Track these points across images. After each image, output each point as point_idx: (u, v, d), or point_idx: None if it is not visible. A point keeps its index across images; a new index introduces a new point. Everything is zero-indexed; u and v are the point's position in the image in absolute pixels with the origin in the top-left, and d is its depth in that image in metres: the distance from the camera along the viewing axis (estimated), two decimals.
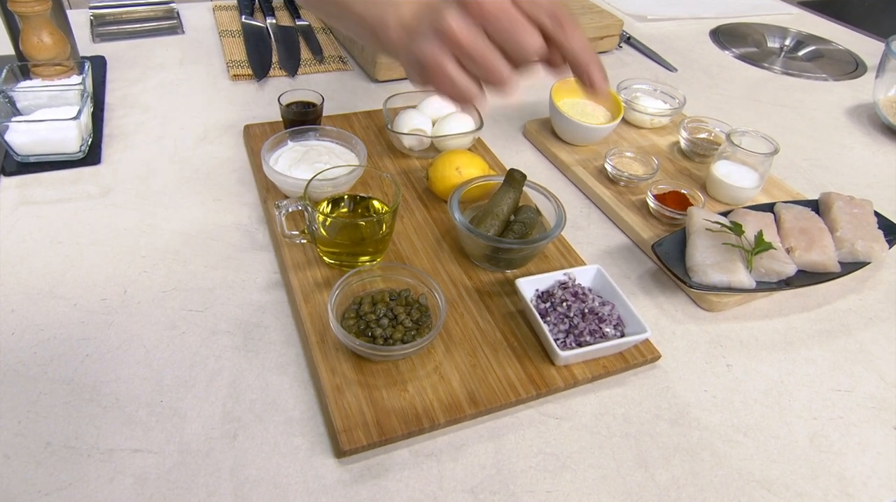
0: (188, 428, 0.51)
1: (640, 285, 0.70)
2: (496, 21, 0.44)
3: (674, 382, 0.60)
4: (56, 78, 0.79)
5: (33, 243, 0.65)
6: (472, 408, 0.53)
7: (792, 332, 0.67)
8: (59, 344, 0.56)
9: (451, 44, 0.45)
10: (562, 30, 0.46)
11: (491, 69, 0.45)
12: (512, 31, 0.44)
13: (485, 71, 0.45)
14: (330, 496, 0.48)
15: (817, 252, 0.70)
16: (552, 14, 0.45)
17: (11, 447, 0.48)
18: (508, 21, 0.44)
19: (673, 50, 1.26)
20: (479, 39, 0.44)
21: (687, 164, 0.88)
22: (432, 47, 0.45)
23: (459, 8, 0.44)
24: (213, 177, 0.77)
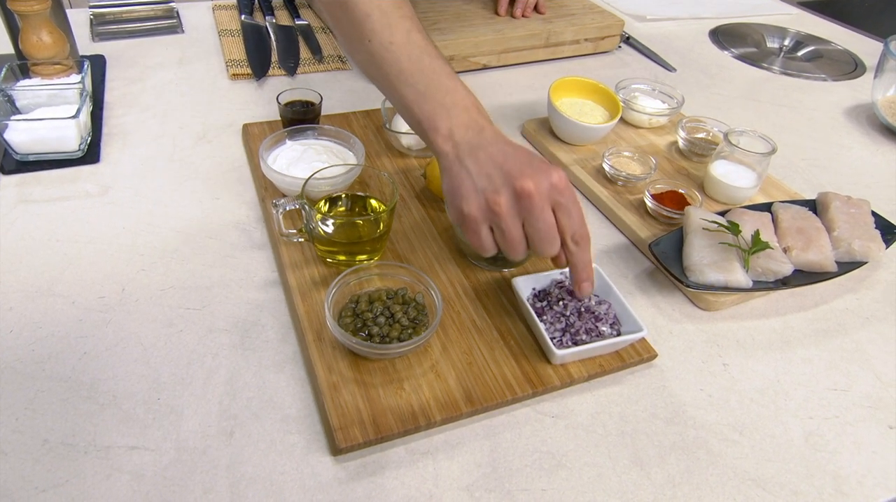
0: (185, 425, 0.51)
1: (638, 284, 0.70)
2: (536, 223, 0.53)
3: (670, 381, 0.60)
4: (55, 77, 0.79)
5: (32, 241, 0.65)
6: (468, 407, 0.53)
7: (788, 332, 0.67)
8: (56, 341, 0.56)
9: (494, 218, 0.53)
10: (578, 249, 0.55)
11: (513, 250, 0.55)
12: (542, 238, 0.53)
13: (508, 249, 0.55)
14: (326, 493, 0.48)
15: (814, 251, 0.70)
16: (576, 235, 0.55)
17: (9, 443, 0.48)
18: (545, 229, 0.53)
19: (672, 50, 1.26)
20: (516, 227, 0.54)
21: (685, 164, 0.88)
22: (479, 211, 0.54)
23: (515, 196, 0.52)
24: (212, 175, 0.77)
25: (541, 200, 0.52)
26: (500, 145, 0.55)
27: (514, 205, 0.52)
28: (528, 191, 0.51)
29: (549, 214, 0.53)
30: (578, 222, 0.54)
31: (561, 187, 0.53)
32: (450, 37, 1.03)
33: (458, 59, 1.05)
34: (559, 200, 0.53)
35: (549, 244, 0.54)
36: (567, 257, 0.56)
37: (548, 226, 0.53)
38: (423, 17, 1.09)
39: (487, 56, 1.08)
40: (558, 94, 0.90)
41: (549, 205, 0.53)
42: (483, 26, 1.08)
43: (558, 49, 1.15)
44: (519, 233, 0.54)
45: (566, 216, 0.54)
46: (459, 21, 1.09)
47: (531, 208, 0.52)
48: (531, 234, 0.54)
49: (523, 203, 0.52)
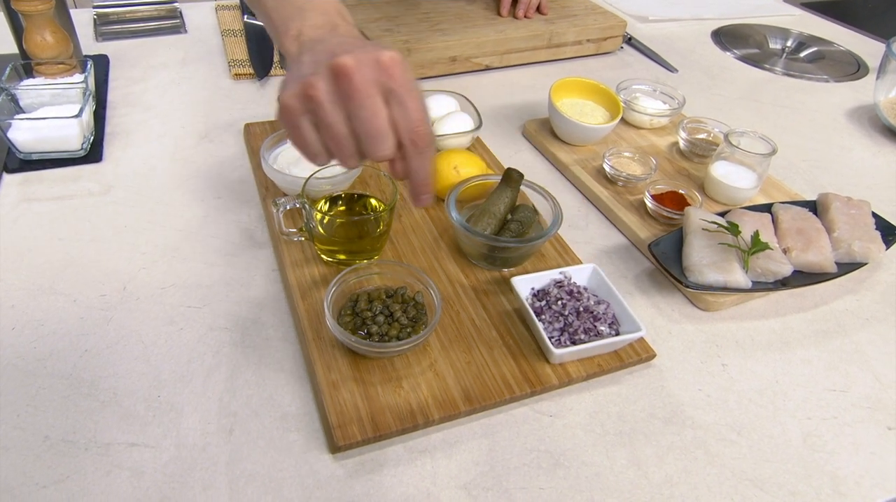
0: (185, 422, 0.51)
1: (637, 284, 0.70)
2: (358, 111, 0.43)
3: (668, 381, 0.60)
4: (59, 76, 0.79)
5: (34, 239, 0.66)
6: (466, 405, 0.53)
7: (788, 332, 0.67)
8: (58, 339, 0.56)
9: (310, 104, 0.44)
10: (415, 151, 0.45)
11: (339, 150, 0.45)
12: (368, 131, 0.43)
13: (333, 146, 0.45)
14: (324, 490, 0.48)
15: (814, 252, 0.70)
16: (413, 134, 0.44)
17: (10, 440, 0.49)
18: (368, 118, 0.43)
19: (674, 51, 1.26)
20: (338, 119, 0.44)
21: (685, 165, 0.88)
22: (293, 98, 0.44)
23: (331, 76, 0.43)
24: (214, 175, 0.77)
25: (363, 83, 0.42)
26: (344, 37, 0.47)
27: (332, 89, 0.43)
28: (344, 70, 0.42)
29: (376, 101, 0.43)
30: (416, 116, 0.44)
31: (392, 70, 0.43)
32: (452, 37, 1.03)
33: (460, 59, 1.05)
34: (390, 86, 0.43)
35: (376, 140, 0.44)
36: (404, 161, 0.46)
37: (372, 114, 0.43)
38: (425, 17, 1.09)
39: (490, 57, 1.08)
40: (559, 95, 0.90)
41: (378, 92, 0.43)
42: (485, 27, 1.09)
43: (560, 50, 1.15)
44: (342, 128, 0.44)
45: (399, 107, 0.43)
46: (462, 22, 1.09)
47: (351, 91, 0.42)
48: (356, 127, 0.44)
49: (341, 85, 0.42)
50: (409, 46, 0.99)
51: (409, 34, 1.02)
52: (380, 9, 1.10)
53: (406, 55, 0.99)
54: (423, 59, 1.01)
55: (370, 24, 1.04)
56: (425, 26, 1.06)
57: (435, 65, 1.03)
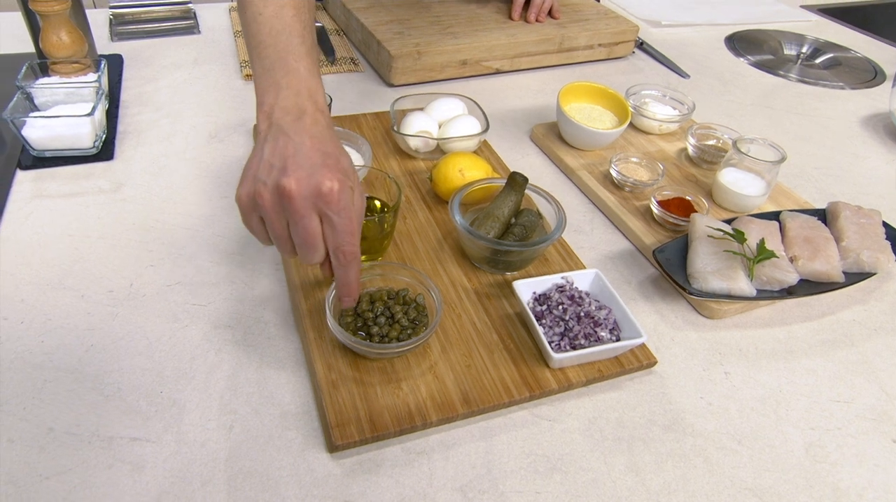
0: (186, 418, 0.52)
1: (641, 291, 0.70)
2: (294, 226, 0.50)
3: (670, 388, 0.60)
4: (73, 75, 0.81)
5: (45, 235, 0.67)
6: (464, 408, 0.54)
7: (793, 341, 0.66)
8: (65, 333, 0.57)
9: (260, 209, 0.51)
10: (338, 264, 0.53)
11: (281, 247, 0.53)
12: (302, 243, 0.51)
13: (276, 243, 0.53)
14: (321, 489, 0.49)
15: (821, 261, 0.69)
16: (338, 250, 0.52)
17: (16, 431, 0.50)
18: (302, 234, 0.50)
19: (686, 56, 1.26)
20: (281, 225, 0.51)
21: (694, 171, 0.87)
22: (247, 198, 0.51)
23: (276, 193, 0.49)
24: (222, 174, 0.78)
25: (301, 204, 0.49)
26: (303, 137, 0.51)
27: (277, 201, 0.49)
28: (287, 192, 0.48)
29: (310, 221, 0.50)
30: (343, 237, 0.51)
31: (329, 197, 0.49)
32: (463, 41, 1.04)
33: (470, 63, 1.05)
34: (324, 210, 0.50)
35: (307, 250, 0.51)
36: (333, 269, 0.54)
37: (305, 231, 0.50)
38: (436, 21, 1.09)
39: (500, 60, 1.08)
40: (567, 99, 0.90)
41: (315, 212, 0.50)
42: (496, 31, 1.09)
43: (572, 54, 1.15)
44: (283, 231, 0.51)
45: (329, 227, 0.51)
46: (472, 25, 1.10)
47: (291, 210, 0.49)
48: (293, 236, 0.51)
49: (284, 203, 0.49)
50: (420, 49, 1.00)
51: (420, 37, 1.03)
52: (391, 11, 1.10)
53: (416, 58, 1.00)
54: (433, 63, 1.02)
55: (381, 26, 1.05)
56: (436, 29, 1.06)
57: (445, 68, 1.04)
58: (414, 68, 1.00)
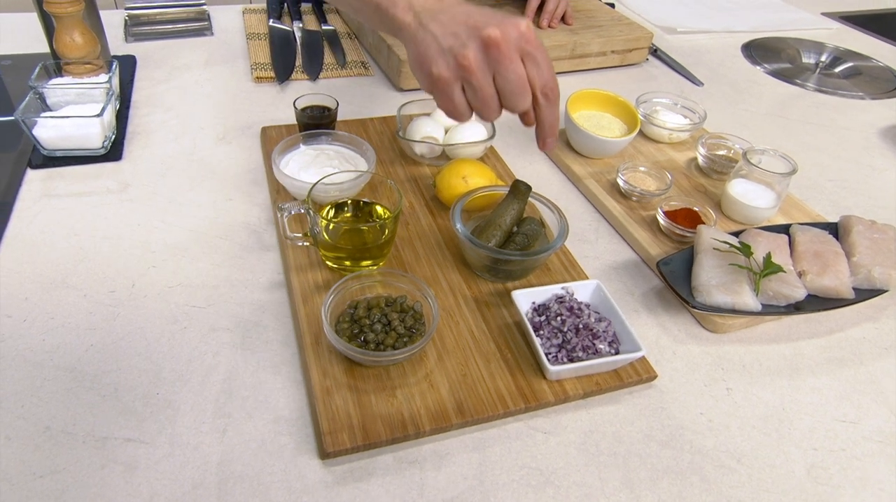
0: (180, 420, 0.52)
1: (644, 302, 0.69)
2: (506, 73, 0.52)
3: (669, 403, 0.59)
4: (86, 76, 0.82)
5: (52, 234, 0.68)
6: (458, 418, 0.53)
7: (799, 358, 0.65)
8: (66, 332, 0.58)
9: (464, 73, 0.52)
10: (547, 103, 0.55)
11: (487, 108, 0.54)
12: (514, 90, 0.53)
13: (481, 106, 0.54)
14: (311, 496, 0.49)
15: (830, 277, 0.68)
16: (546, 87, 0.54)
17: (13, 429, 0.50)
18: (515, 79, 0.52)
19: (701, 63, 1.24)
20: (488, 82, 0.53)
21: (703, 181, 0.86)
22: (448, 71, 0.53)
23: (482, 47, 0.51)
24: (228, 176, 0.79)
25: (509, 49, 0.51)
26: (462, 6, 0.54)
27: (483, 57, 0.51)
28: (495, 40, 0.50)
29: (519, 64, 0.52)
30: (548, 73, 0.54)
31: (529, 36, 0.52)
32: None
33: None
34: (528, 49, 0.52)
35: (520, 97, 0.53)
36: (536, 112, 0.56)
37: (518, 76, 0.52)
38: None
39: None
40: (576, 107, 0.90)
41: (519, 55, 0.52)
42: None
43: (584, 60, 1.14)
44: (491, 89, 0.53)
45: (535, 66, 0.53)
46: None
47: (500, 58, 0.51)
48: (502, 87, 0.53)
49: (492, 53, 0.51)
50: None
51: None
52: None
53: None
54: None
55: None
56: None
57: None
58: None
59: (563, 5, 1.14)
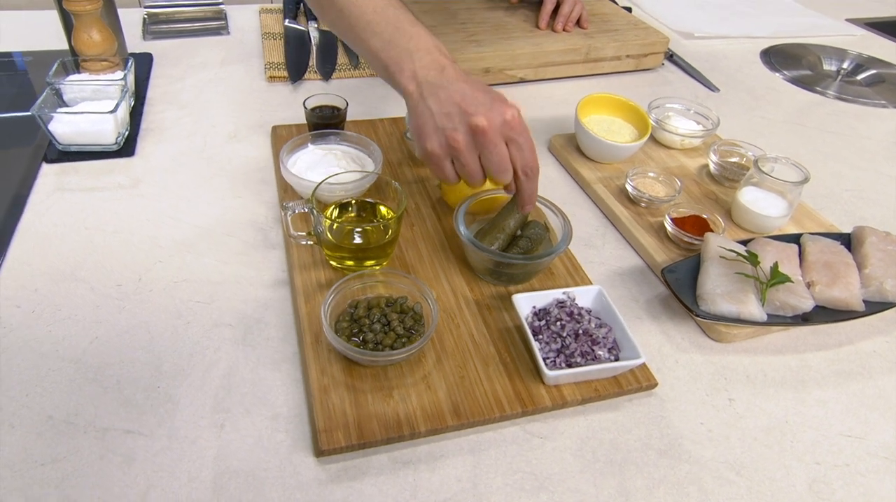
0: (179, 414, 0.53)
1: (648, 310, 0.68)
2: (490, 156, 0.59)
3: (669, 412, 0.58)
4: (102, 73, 0.83)
5: (63, 227, 0.69)
6: (454, 420, 0.53)
7: (805, 371, 0.64)
8: (72, 324, 0.59)
9: (454, 153, 0.59)
10: (527, 180, 0.62)
11: (472, 179, 0.61)
12: (496, 169, 0.60)
13: (467, 178, 0.61)
14: (305, 493, 0.49)
15: (840, 288, 0.66)
16: (526, 167, 0.61)
17: (17, 417, 0.51)
18: (498, 161, 0.59)
19: (718, 69, 1.23)
20: (473, 160, 0.60)
21: (714, 189, 0.85)
22: (440, 148, 0.60)
23: (470, 131, 0.58)
24: (237, 174, 0.80)
25: (494, 135, 0.58)
26: (459, 84, 0.59)
27: (470, 140, 0.58)
28: (482, 128, 0.57)
29: (502, 147, 0.59)
30: (529, 155, 0.60)
31: (513, 123, 0.58)
32: (486, 49, 1.04)
33: (493, 71, 1.05)
34: (511, 135, 0.59)
35: (502, 174, 0.60)
36: (517, 185, 0.62)
37: (500, 158, 0.59)
38: (461, 28, 1.09)
39: (524, 69, 1.07)
40: (587, 111, 0.89)
41: (503, 139, 0.58)
42: (522, 39, 1.08)
43: (598, 65, 1.13)
44: (476, 166, 0.60)
45: (517, 150, 0.59)
46: (498, 33, 1.09)
47: (485, 143, 0.58)
48: (487, 166, 0.60)
49: (478, 138, 0.58)
50: None
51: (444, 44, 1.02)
52: (418, 18, 1.10)
53: None
54: None
55: None
56: (461, 37, 1.06)
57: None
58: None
59: (579, 9, 1.13)
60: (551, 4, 1.13)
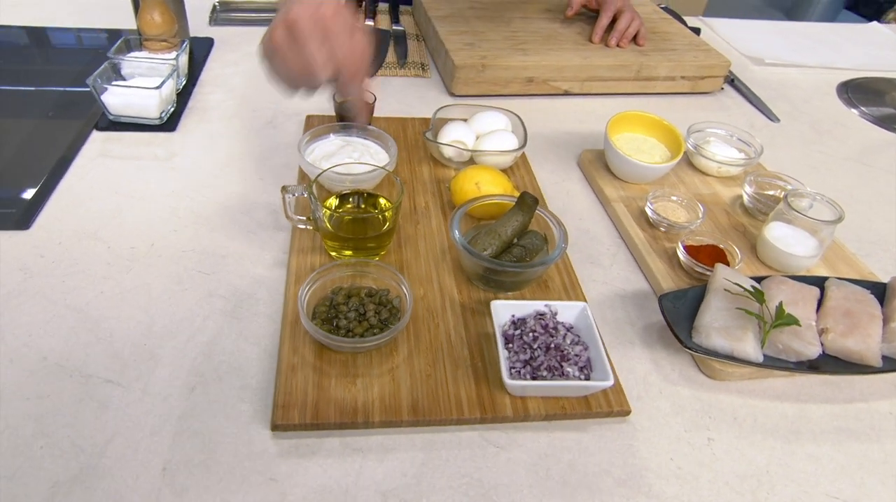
0: (158, 372, 0.56)
1: (643, 336, 0.66)
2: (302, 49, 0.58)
3: (639, 442, 0.56)
4: (160, 52, 0.90)
5: (98, 190, 0.75)
6: (410, 416, 0.54)
7: (802, 421, 0.59)
8: (84, 277, 0.64)
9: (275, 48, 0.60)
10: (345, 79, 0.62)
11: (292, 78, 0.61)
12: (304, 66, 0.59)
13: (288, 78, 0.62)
14: (253, 463, 0.51)
15: (856, 340, 0.62)
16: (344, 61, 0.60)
17: (17, 354, 0.56)
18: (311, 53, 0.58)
19: (784, 98, 1.16)
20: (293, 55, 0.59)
21: (745, 221, 0.81)
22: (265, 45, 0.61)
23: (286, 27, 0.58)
24: (265, 158, 0.83)
25: (305, 28, 0.57)
26: None
27: (287, 36, 0.58)
28: (292, 19, 0.57)
29: (315, 42, 0.58)
30: (345, 52, 0.60)
31: (329, 18, 0.58)
32: (531, 58, 1.03)
33: (537, 81, 1.04)
34: (328, 27, 0.58)
35: (314, 70, 0.59)
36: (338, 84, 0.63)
37: (309, 52, 0.58)
38: (511, 35, 1.09)
39: (570, 82, 1.06)
40: (619, 128, 0.87)
41: (319, 35, 0.58)
42: (571, 51, 1.07)
43: (649, 84, 1.10)
44: (296, 61, 0.59)
45: (334, 44, 0.59)
46: (548, 43, 1.08)
47: (297, 36, 0.58)
48: (302, 61, 0.59)
49: (292, 32, 0.58)
50: (485, 62, 1.00)
51: (488, 50, 1.03)
52: (469, 23, 1.12)
53: (480, 70, 1.00)
54: (497, 77, 1.02)
55: (454, 36, 1.06)
56: (508, 44, 1.06)
57: (510, 83, 1.03)
58: (477, 80, 1.01)
59: (636, 25, 1.11)
60: (607, 18, 1.11)
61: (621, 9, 1.12)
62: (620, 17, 1.11)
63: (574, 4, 1.16)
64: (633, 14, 1.12)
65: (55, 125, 0.84)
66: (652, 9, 1.29)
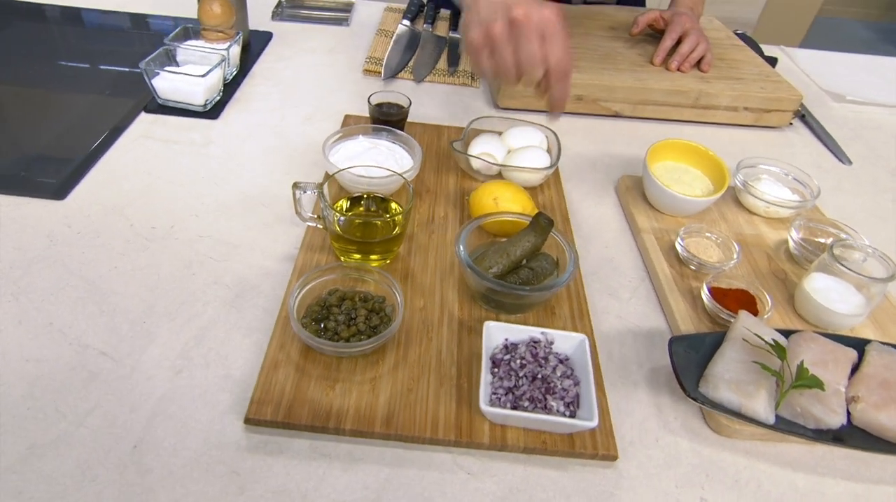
0: (149, 351, 0.58)
1: (649, 379, 0.62)
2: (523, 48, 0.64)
3: (623, 491, 0.52)
4: (215, 42, 0.93)
5: (133, 169, 0.78)
6: (382, 428, 0.52)
7: (814, 497, 0.54)
8: (102, 251, 0.67)
9: (491, 42, 0.65)
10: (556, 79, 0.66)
11: (505, 72, 0.66)
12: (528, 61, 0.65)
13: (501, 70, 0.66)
14: (220, 452, 0.51)
15: (889, 415, 0.55)
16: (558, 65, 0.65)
17: (26, 317, 0.59)
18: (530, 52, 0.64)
19: (861, 140, 1.07)
20: (508, 52, 0.65)
21: (788, 268, 0.74)
22: (480, 37, 0.66)
23: (509, 24, 0.64)
24: (296, 153, 0.84)
25: (530, 28, 0.63)
26: None
27: (507, 31, 0.63)
28: (519, 19, 0.62)
29: (536, 42, 0.63)
30: (560, 54, 0.64)
31: (550, 19, 0.63)
32: (583, 76, 1.00)
33: (586, 100, 1.01)
34: (547, 32, 0.63)
35: (533, 66, 0.64)
36: (547, 84, 0.67)
37: (533, 50, 0.63)
38: None
39: (621, 104, 1.02)
40: (661, 155, 0.83)
41: (538, 35, 0.63)
42: (626, 72, 1.03)
43: (708, 112, 1.04)
44: (510, 58, 0.65)
45: (551, 45, 0.64)
46: (604, 62, 1.05)
47: (520, 35, 0.63)
48: (518, 58, 0.64)
49: (515, 30, 0.63)
50: None
51: None
52: None
53: None
54: None
55: None
56: None
57: None
58: (523, 94, 0.99)
59: (702, 50, 1.05)
60: (671, 40, 1.06)
61: (688, 31, 1.06)
62: (685, 39, 1.06)
63: (640, 23, 1.12)
64: (700, 37, 1.06)
65: (110, 103, 0.88)
66: (725, 34, 1.22)
